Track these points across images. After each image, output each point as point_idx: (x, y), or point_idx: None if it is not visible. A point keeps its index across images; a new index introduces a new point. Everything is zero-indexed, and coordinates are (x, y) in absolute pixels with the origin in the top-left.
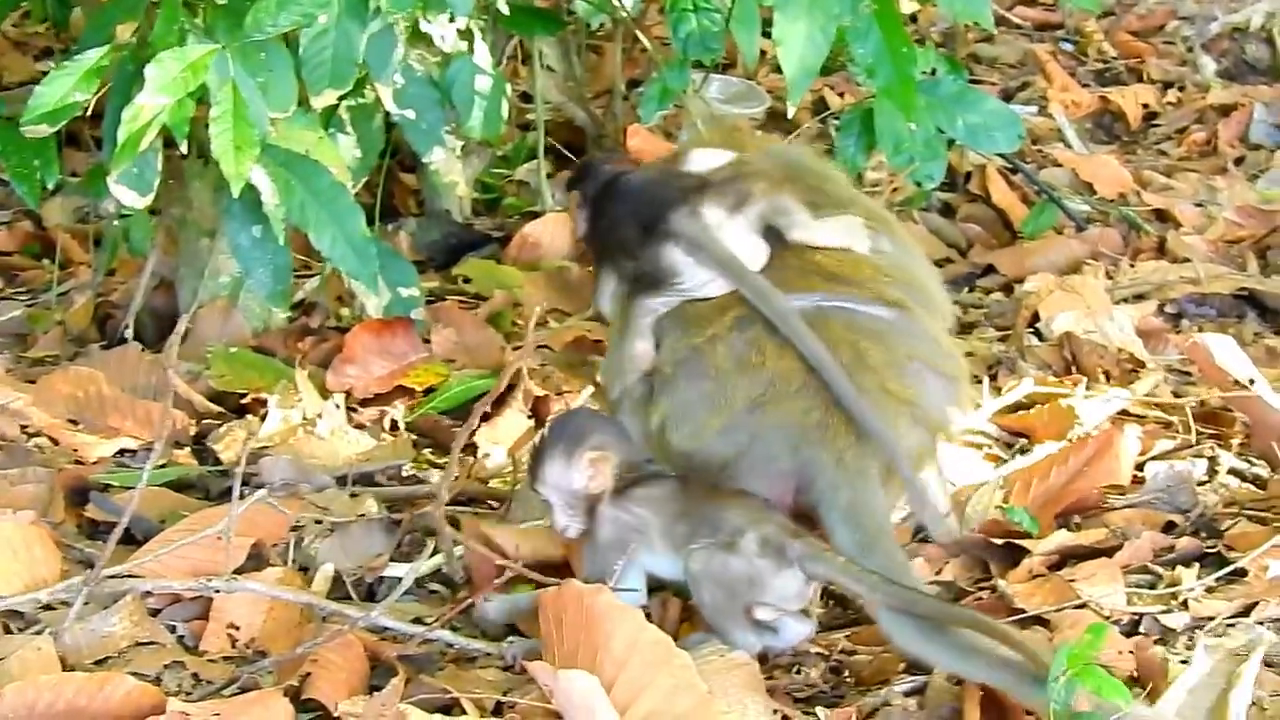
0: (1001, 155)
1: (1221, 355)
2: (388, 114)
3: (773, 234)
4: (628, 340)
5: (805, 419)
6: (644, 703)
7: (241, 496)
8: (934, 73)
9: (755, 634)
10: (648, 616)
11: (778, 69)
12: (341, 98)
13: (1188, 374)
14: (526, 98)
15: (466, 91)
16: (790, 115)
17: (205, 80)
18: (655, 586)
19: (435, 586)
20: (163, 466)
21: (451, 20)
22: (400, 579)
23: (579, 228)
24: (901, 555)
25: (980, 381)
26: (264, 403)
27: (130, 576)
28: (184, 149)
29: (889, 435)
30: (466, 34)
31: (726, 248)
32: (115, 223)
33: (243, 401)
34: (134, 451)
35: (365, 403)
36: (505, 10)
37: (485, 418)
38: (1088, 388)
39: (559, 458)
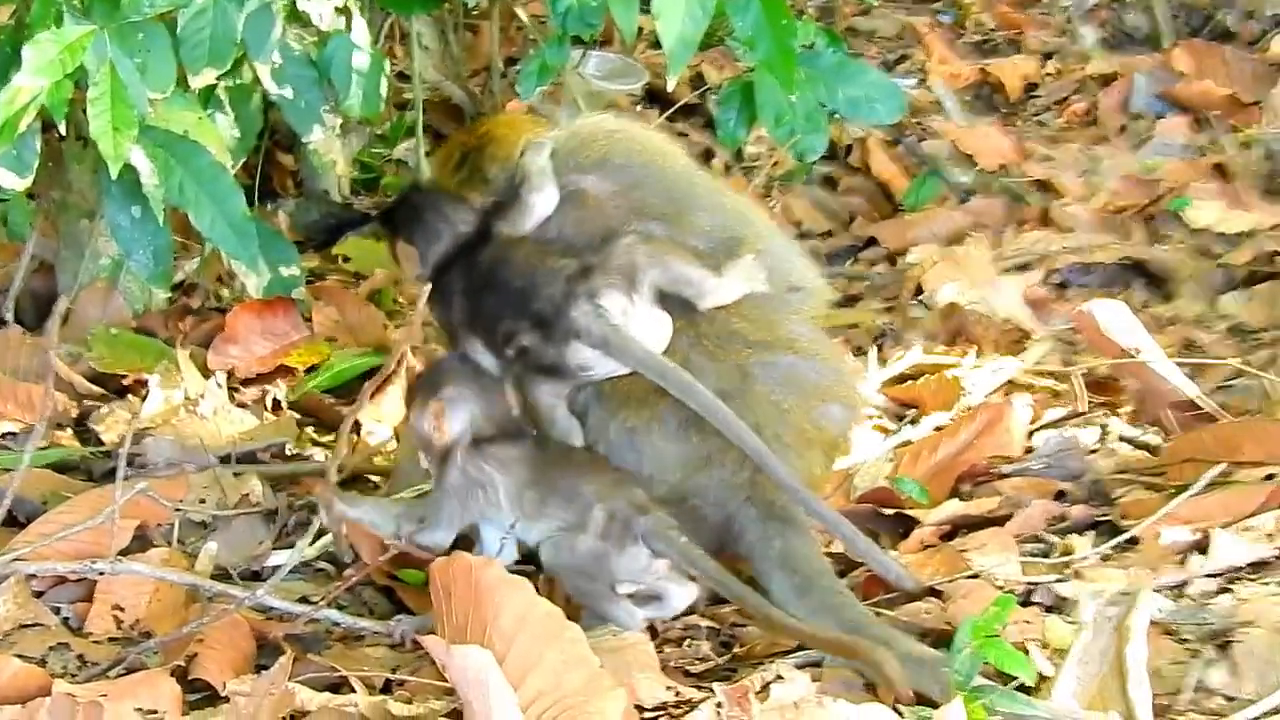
0: (883, 127)
1: (1109, 323)
2: (265, 94)
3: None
4: (549, 426)
5: (734, 479)
6: (535, 679)
7: (126, 478)
8: (812, 46)
9: (632, 608)
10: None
11: (656, 44)
12: (220, 77)
13: (1073, 344)
14: (403, 77)
15: (344, 70)
16: (670, 89)
17: (83, 61)
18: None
19: (322, 565)
20: (45, 448)
21: None
22: (284, 561)
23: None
24: (843, 590)
25: (865, 353)
26: (145, 383)
27: (14, 560)
28: (62, 130)
29: (810, 499)
30: (344, 12)
31: (640, 345)
32: None
33: (124, 383)
34: (14, 434)
35: (247, 382)
36: None
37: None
38: (976, 357)
39: (416, 405)
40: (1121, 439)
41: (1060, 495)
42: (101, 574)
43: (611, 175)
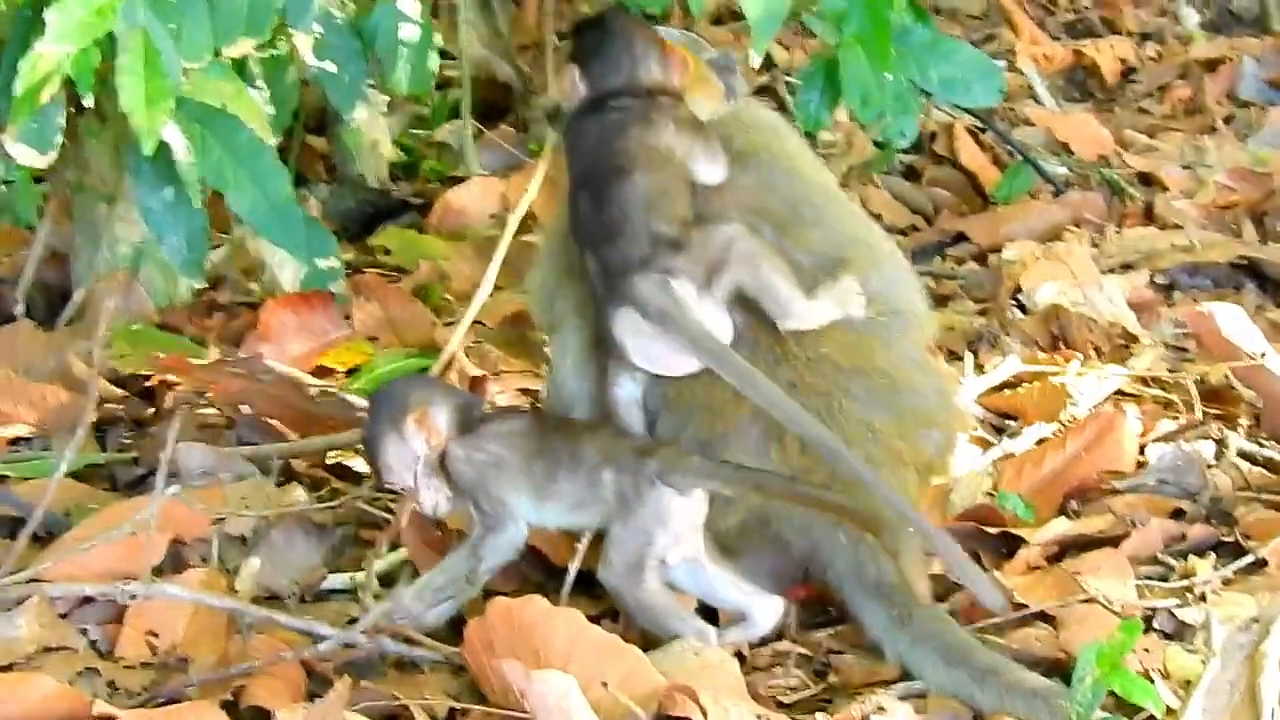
0: (971, 113)
1: (1229, 326)
2: (301, 67)
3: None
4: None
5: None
6: (595, 695)
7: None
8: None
9: (703, 623)
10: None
11: (717, 20)
12: (256, 49)
13: (1184, 349)
14: (444, 55)
15: (391, 41)
16: (755, 65)
17: (112, 26)
18: None
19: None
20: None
21: None
22: (339, 585)
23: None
24: (945, 617)
25: (961, 359)
26: (170, 385)
27: (35, 581)
28: (88, 103)
29: (915, 515)
30: None
31: (700, 325)
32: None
33: (147, 384)
34: (29, 439)
35: None
36: None
37: None
38: (1081, 364)
39: (388, 440)
40: (1239, 454)
41: (1177, 514)
42: (133, 598)
43: (751, 169)
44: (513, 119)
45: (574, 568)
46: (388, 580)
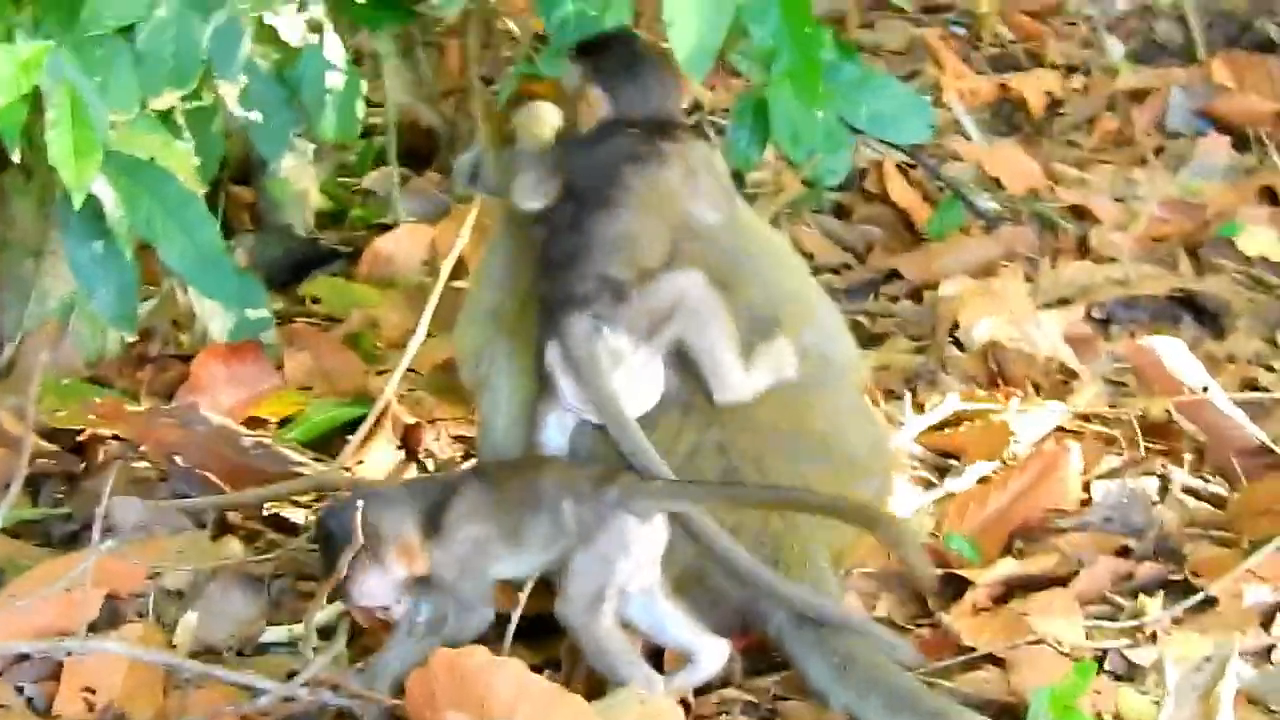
0: (900, 149)
1: (1171, 360)
2: (225, 117)
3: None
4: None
5: (756, 556)
6: None
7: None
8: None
9: (653, 673)
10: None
11: None
12: (181, 99)
13: (1123, 384)
14: (368, 101)
15: (317, 89)
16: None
17: (37, 81)
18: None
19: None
20: None
21: (301, 9)
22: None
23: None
24: (887, 663)
25: (899, 397)
26: (102, 439)
27: None
28: (16, 158)
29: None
30: (315, 26)
31: (608, 389)
32: None
33: (79, 438)
34: None
35: None
36: None
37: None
38: (1021, 401)
39: (369, 571)
40: (1184, 490)
41: (1123, 551)
42: (68, 654)
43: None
44: (438, 165)
45: (516, 615)
46: (326, 632)
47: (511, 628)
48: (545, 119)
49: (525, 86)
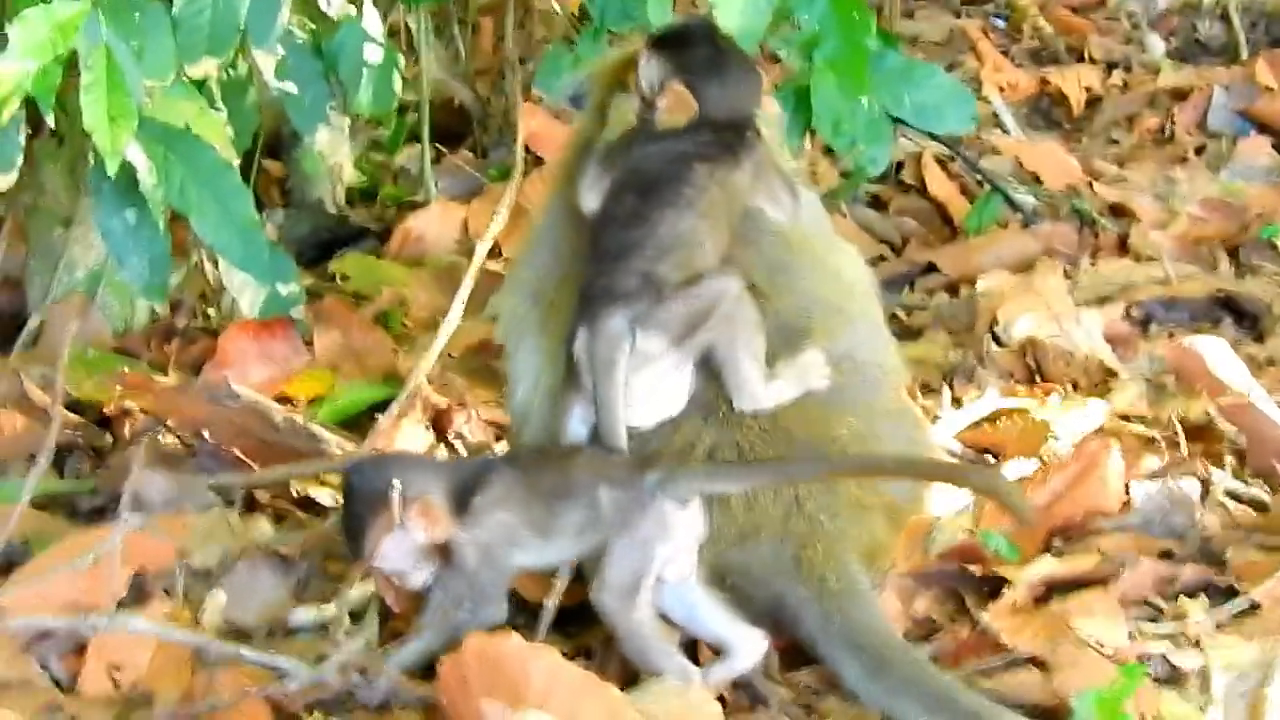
0: (940, 141)
1: (1215, 361)
2: (261, 88)
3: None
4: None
5: (777, 556)
6: None
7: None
8: None
9: (688, 663)
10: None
11: None
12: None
13: (1162, 384)
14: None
15: (355, 63)
16: None
17: (74, 43)
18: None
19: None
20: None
21: None
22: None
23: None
24: (922, 661)
25: (937, 392)
26: (128, 413)
27: None
28: (51, 122)
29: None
30: None
31: (616, 397)
32: None
33: (106, 410)
34: None
35: None
36: None
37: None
38: (1062, 399)
39: (384, 528)
40: (1226, 493)
41: (1165, 554)
42: (95, 631)
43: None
44: (471, 143)
45: (551, 604)
46: (355, 615)
47: (547, 616)
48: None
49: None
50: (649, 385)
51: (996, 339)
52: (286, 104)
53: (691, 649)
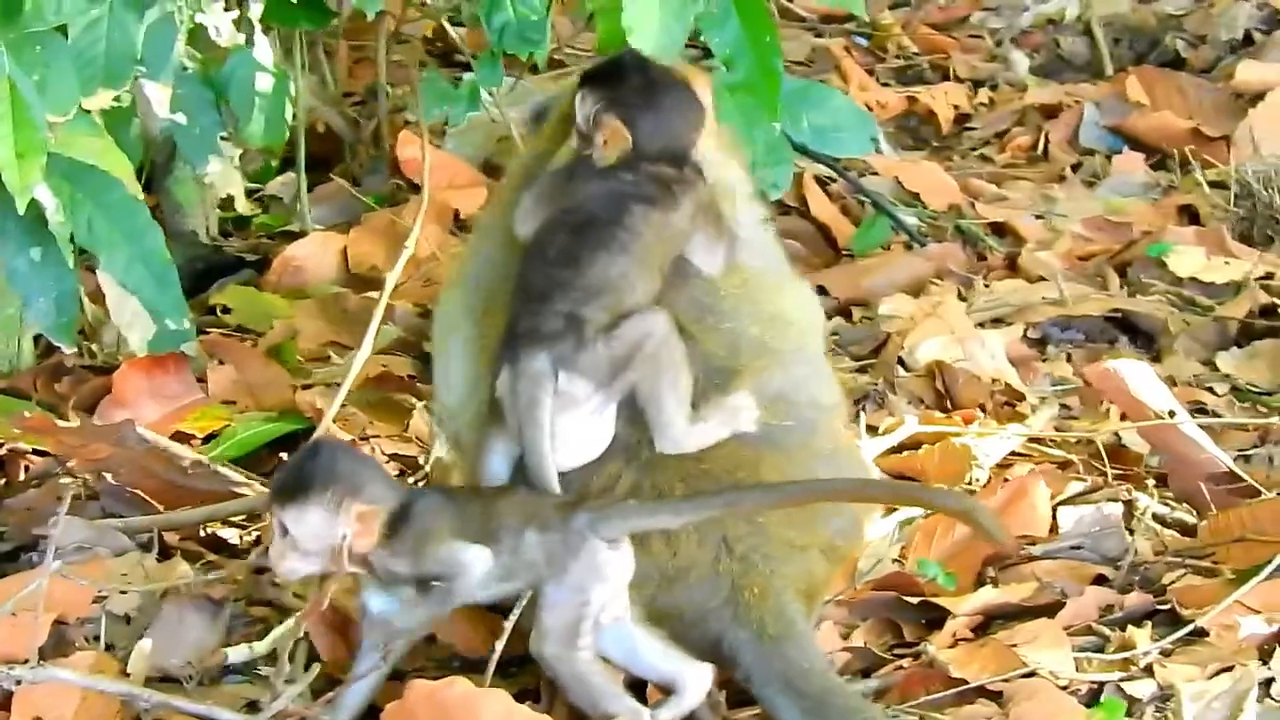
0: (823, 162)
1: (1137, 384)
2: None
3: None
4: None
5: (712, 597)
6: None
7: (33, 565)
8: None
9: (636, 704)
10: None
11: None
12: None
13: (1066, 406)
14: None
15: (246, 91)
16: None
17: None
18: None
19: (265, 669)
20: None
21: (229, 8)
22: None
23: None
24: (863, 705)
25: (853, 420)
26: (23, 453)
27: None
28: None
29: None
30: (244, 25)
31: (541, 440)
32: None
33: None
34: None
35: None
36: None
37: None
38: (980, 424)
39: (324, 506)
40: (1154, 517)
41: (1100, 580)
42: (18, 683)
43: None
44: (342, 169)
45: (500, 645)
46: (272, 658)
47: (494, 658)
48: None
49: None
50: (571, 427)
51: (902, 363)
52: (176, 135)
53: (639, 689)
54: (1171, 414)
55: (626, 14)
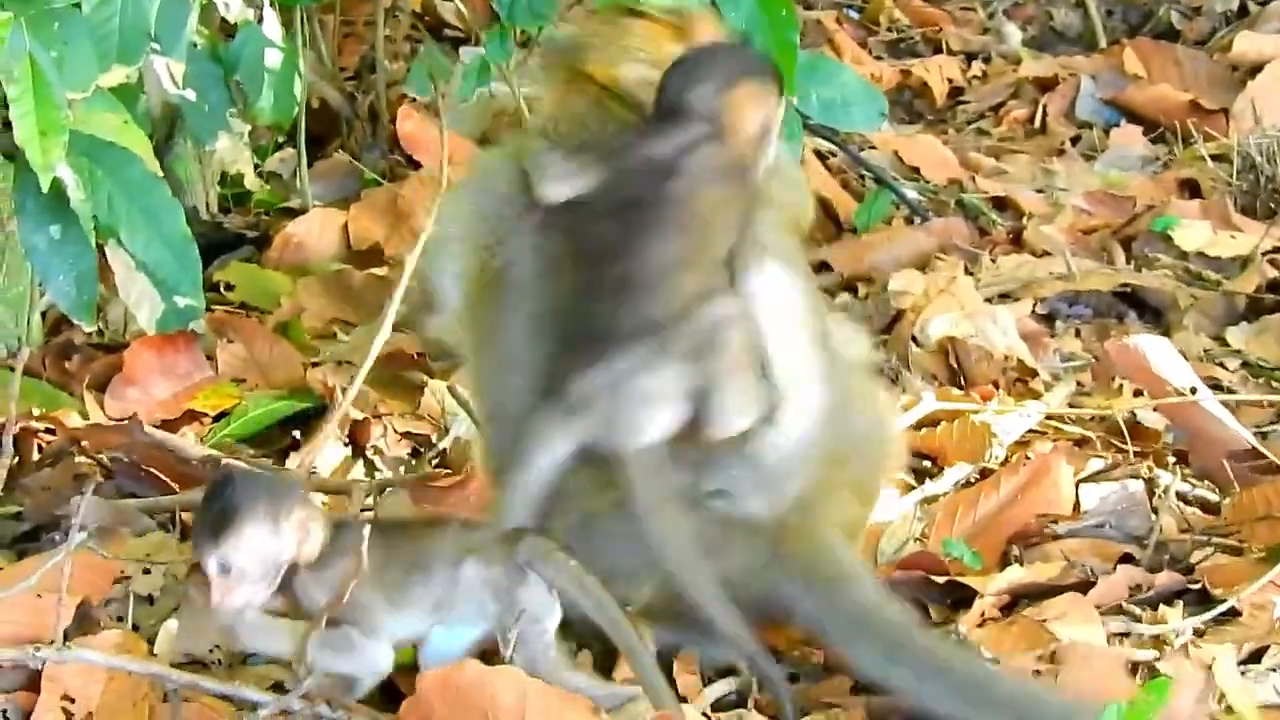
0: (824, 136)
1: (1158, 360)
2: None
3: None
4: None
5: (754, 556)
6: None
7: (54, 544)
8: None
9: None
10: None
11: None
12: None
13: (1079, 383)
14: None
15: (255, 68)
16: None
17: None
18: None
19: None
20: None
21: None
22: None
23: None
24: (933, 634)
25: None
26: (34, 433)
27: None
28: None
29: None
30: (253, 2)
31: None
32: None
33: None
34: None
35: None
36: None
37: (294, 447)
38: (999, 400)
39: (261, 522)
40: (1177, 496)
41: (1126, 558)
42: (45, 664)
43: None
44: (339, 144)
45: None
46: None
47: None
48: None
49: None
50: (646, 420)
51: (914, 339)
52: (186, 111)
53: None
54: (1193, 390)
55: None
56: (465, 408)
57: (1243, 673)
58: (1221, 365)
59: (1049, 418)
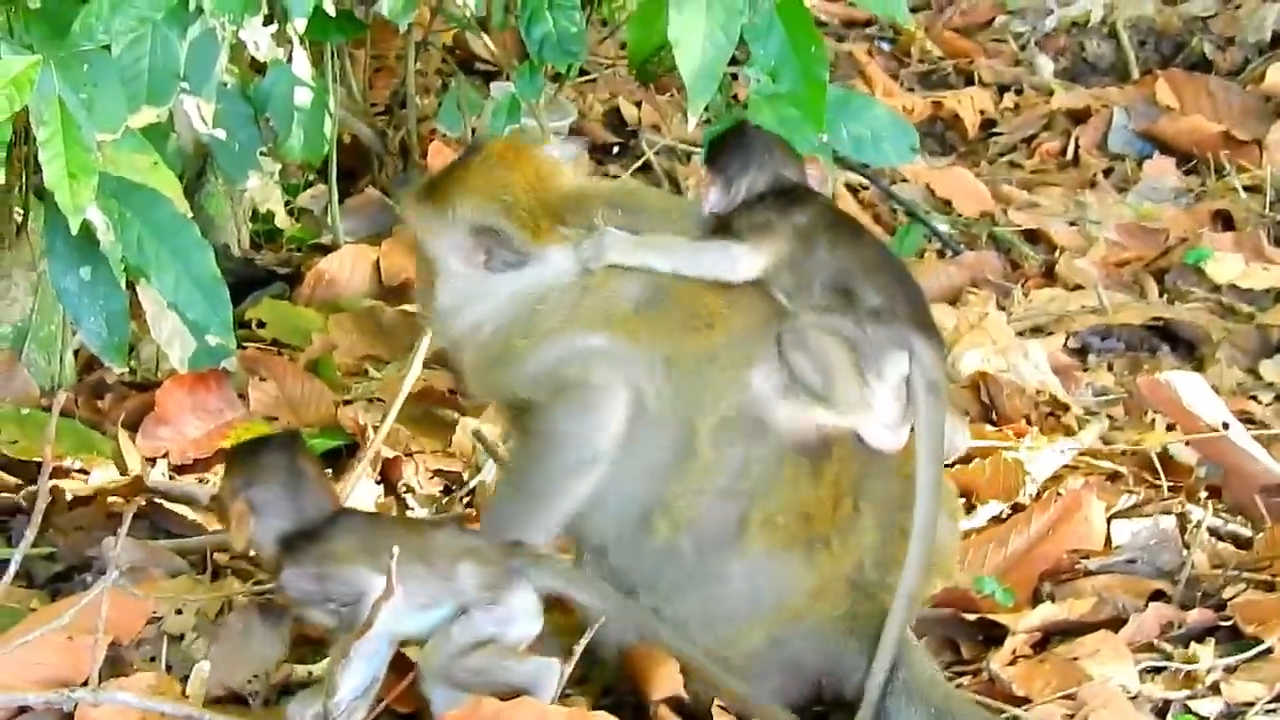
0: (855, 170)
1: (1191, 396)
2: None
3: None
4: None
5: (833, 613)
6: None
7: (86, 585)
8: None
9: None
10: None
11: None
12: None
13: (1110, 416)
14: None
15: (285, 106)
16: (691, 128)
17: (28, 98)
18: None
19: None
20: None
21: (269, 24)
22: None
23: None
24: (976, 705)
25: None
26: (66, 471)
27: None
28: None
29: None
30: (282, 40)
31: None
32: None
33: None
34: None
35: (182, 469)
36: (331, 11)
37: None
38: (1032, 438)
39: (229, 483)
40: (1208, 531)
41: (1157, 594)
42: (75, 705)
43: None
44: (370, 181)
45: (578, 648)
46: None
47: (567, 669)
48: None
49: None
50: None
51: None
52: (216, 150)
53: None
54: (1226, 426)
55: (671, 27)
56: (491, 452)
57: (1271, 710)
58: (1254, 399)
59: (1081, 453)
